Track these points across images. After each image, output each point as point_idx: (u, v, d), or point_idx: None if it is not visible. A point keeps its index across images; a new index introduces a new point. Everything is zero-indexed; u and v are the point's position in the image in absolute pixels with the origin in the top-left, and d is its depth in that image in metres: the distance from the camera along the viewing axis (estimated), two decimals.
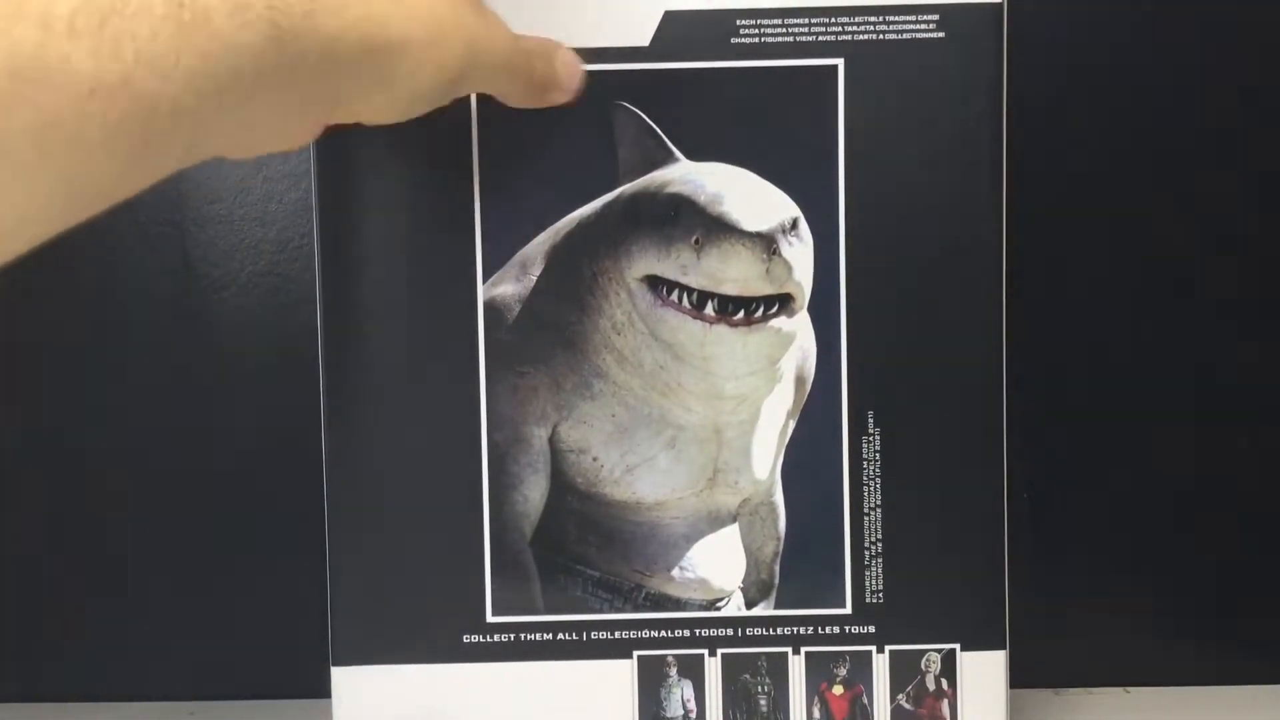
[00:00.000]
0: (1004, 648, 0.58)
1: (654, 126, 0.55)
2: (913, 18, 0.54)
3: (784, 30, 0.55)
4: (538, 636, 0.58)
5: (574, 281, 0.56)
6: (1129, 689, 0.69)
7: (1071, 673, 0.69)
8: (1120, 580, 0.70)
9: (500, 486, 0.57)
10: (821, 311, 0.56)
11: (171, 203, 0.69)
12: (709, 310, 0.55)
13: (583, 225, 0.56)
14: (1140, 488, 0.70)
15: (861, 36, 0.55)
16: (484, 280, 0.56)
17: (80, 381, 0.70)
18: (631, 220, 0.56)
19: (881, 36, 0.55)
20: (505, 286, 0.56)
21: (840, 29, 0.55)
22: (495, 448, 0.57)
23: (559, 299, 0.56)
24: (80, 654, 0.71)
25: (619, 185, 0.56)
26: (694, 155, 0.56)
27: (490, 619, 0.58)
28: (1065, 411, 0.69)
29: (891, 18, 0.55)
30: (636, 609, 0.58)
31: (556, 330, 0.57)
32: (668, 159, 0.56)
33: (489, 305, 0.56)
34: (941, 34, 0.55)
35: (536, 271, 0.56)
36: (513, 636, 0.58)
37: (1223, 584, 0.70)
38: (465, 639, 0.58)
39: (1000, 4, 0.55)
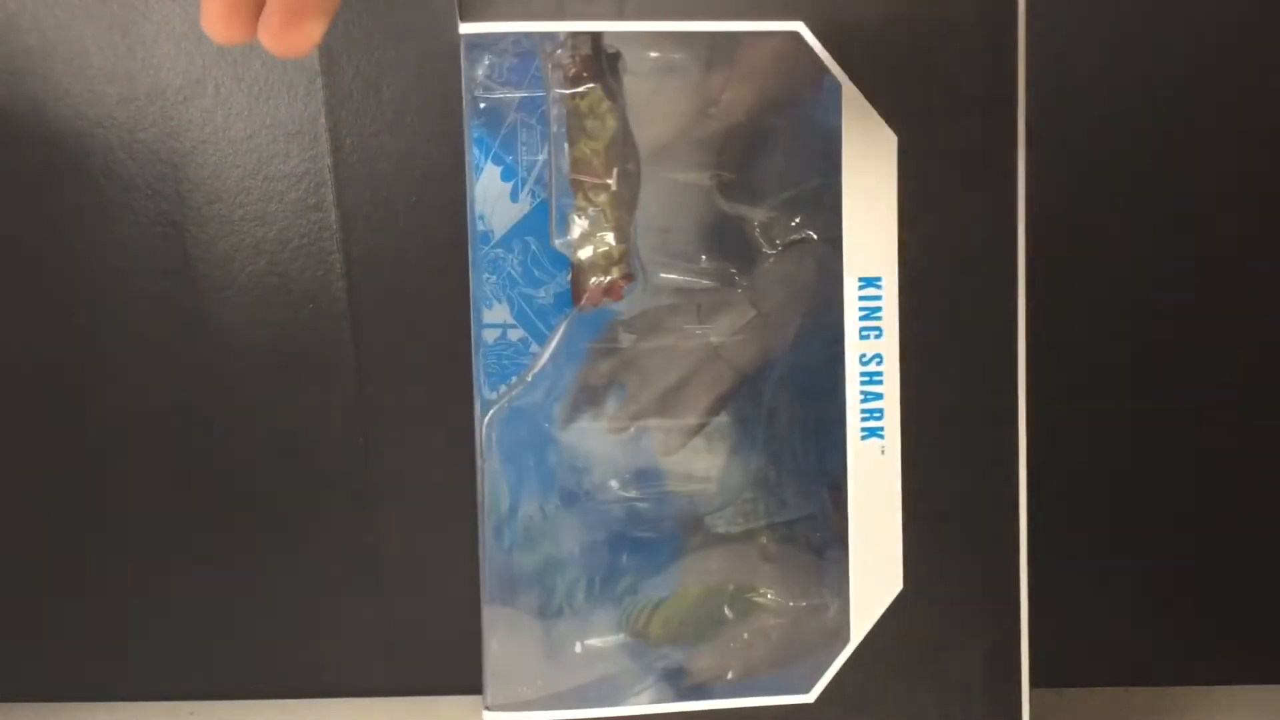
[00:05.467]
0: None
1: None
2: None
3: None
4: None
5: None
6: (1129, 689, 0.68)
7: (1071, 673, 0.67)
8: (1120, 580, 0.69)
9: None
10: None
11: (171, 203, 0.66)
12: None
13: None
14: (1140, 488, 0.68)
15: None
16: None
17: (80, 381, 0.68)
18: None
19: None
20: None
21: None
22: None
23: None
24: (80, 654, 0.70)
25: None
26: None
27: None
28: (1066, 414, 0.66)
29: None
30: None
31: None
32: None
33: None
34: None
35: None
36: None
37: (1222, 584, 0.69)
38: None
39: None
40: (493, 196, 0.56)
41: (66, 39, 0.65)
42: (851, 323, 0.48)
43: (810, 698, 0.49)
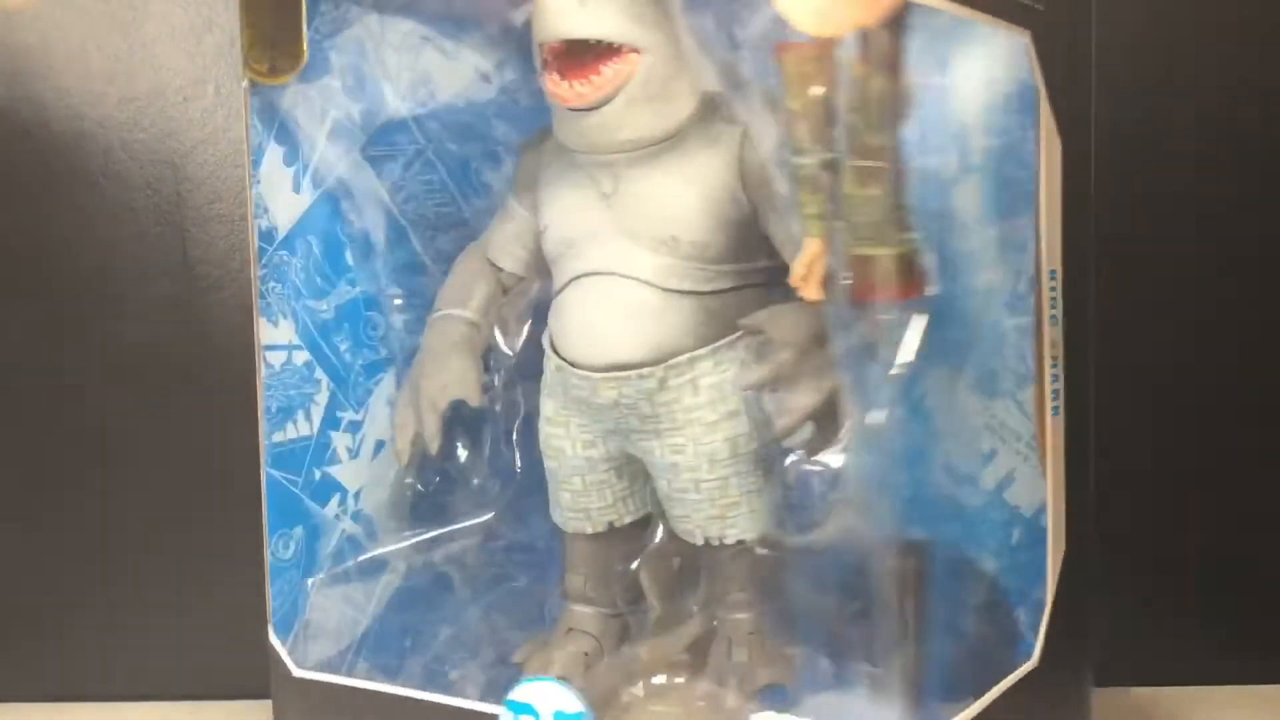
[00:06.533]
0: None
1: None
2: None
3: None
4: None
5: None
6: (1129, 689, 0.67)
7: None
8: (1121, 580, 0.67)
9: None
10: None
11: (171, 203, 0.66)
12: None
13: None
14: (1141, 489, 0.67)
15: None
16: None
17: (80, 381, 0.68)
18: None
19: None
20: None
21: None
22: None
23: None
24: (80, 654, 0.69)
25: None
26: None
27: None
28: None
29: None
30: None
31: None
32: None
33: None
34: None
35: None
36: None
37: (1224, 584, 0.68)
38: None
39: None
40: (274, 185, 0.49)
41: (66, 39, 0.65)
42: (1045, 312, 0.49)
43: (1034, 661, 0.48)
